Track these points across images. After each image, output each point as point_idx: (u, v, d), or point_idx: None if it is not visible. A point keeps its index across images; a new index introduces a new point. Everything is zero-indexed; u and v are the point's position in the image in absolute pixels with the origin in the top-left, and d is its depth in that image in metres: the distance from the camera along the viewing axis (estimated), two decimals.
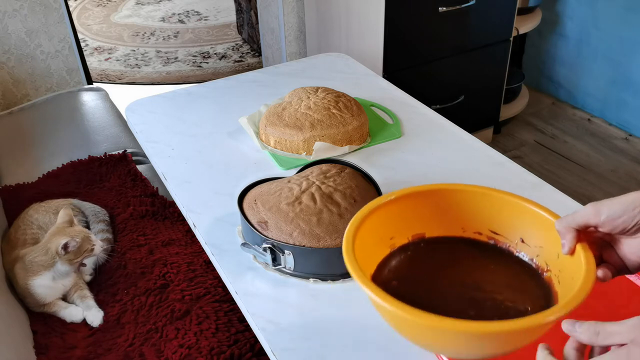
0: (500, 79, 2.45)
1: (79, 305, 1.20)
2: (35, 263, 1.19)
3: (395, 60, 2.10)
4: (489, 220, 0.72)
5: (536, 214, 0.67)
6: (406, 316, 0.56)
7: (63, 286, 1.21)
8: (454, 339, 0.58)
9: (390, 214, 0.71)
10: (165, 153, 1.24)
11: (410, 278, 0.69)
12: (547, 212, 0.66)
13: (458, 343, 0.58)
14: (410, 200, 0.72)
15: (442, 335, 0.57)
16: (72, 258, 1.18)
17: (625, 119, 2.62)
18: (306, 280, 0.91)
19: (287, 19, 2.51)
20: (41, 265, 1.18)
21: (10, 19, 2.03)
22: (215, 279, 1.23)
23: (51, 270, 1.19)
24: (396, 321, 0.61)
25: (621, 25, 2.47)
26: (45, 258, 1.18)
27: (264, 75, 1.56)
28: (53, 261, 1.18)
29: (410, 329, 0.61)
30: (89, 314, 1.18)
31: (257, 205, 0.94)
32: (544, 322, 0.55)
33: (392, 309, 0.56)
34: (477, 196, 0.71)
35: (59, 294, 1.21)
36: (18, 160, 1.73)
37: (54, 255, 1.18)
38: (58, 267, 1.19)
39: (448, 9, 2.08)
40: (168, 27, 3.94)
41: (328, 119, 1.20)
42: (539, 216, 0.67)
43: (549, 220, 0.65)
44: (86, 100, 2.04)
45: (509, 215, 0.70)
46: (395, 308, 0.56)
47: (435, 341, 0.61)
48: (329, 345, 0.81)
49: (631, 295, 0.86)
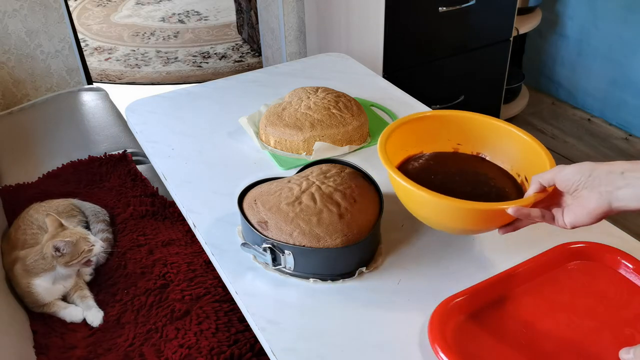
0: (500, 79, 2.45)
1: (79, 306, 1.20)
2: (36, 266, 1.19)
3: (395, 60, 2.10)
4: (480, 140, 1.01)
5: (515, 134, 0.97)
6: (416, 193, 0.83)
7: (64, 287, 1.21)
8: (450, 213, 0.84)
9: (407, 131, 0.98)
10: (165, 153, 1.24)
11: (427, 169, 0.98)
12: (524, 134, 0.96)
13: (453, 216, 0.85)
14: (425, 121, 1.00)
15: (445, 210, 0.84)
16: (68, 260, 1.18)
17: (625, 119, 2.62)
18: (306, 280, 0.91)
19: (287, 19, 2.51)
20: (42, 268, 1.18)
21: (10, 19, 2.03)
22: (215, 279, 1.23)
23: (52, 272, 1.19)
24: (409, 198, 0.89)
25: (621, 25, 2.47)
26: (44, 262, 1.18)
27: (264, 75, 1.56)
28: (52, 265, 1.18)
29: (417, 205, 0.89)
30: (89, 313, 1.18)
31: (257, 205, 0.94)
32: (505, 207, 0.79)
33: (411, 188, 0.83)
34: (475, 121, 1.01)
35: (59, 294, 1.21)
36: (18, 160, 1.73)
37: (51, 259, 1.18)
38: (58, 270, 1.19)
39: (448, 9, 2.08)
40: (168, 27, 3.94)
41: (328, 119, 1.20)
42: (517, 137, 0.96)
43: (526, 141, 0.95)
44: (86, 100, 2.04)
45: (497, 136, 0.99)
46: (413, 187, 0.83)
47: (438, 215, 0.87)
48: (329, 345, 0.81)
49: (631, 295, 0.86)
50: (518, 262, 0.90)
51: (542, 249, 0.93)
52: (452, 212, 0.84)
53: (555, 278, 0.89)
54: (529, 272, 0.88)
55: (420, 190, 0.82)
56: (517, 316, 0.83)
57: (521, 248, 0.95)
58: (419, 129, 1.00)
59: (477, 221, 0.85)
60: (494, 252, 0.95)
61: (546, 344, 0.79)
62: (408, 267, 0.93)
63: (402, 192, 0.89)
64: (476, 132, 1.01)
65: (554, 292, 0.87)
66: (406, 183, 0.84)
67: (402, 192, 0.90)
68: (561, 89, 2.86)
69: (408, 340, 0.81)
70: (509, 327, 0.82)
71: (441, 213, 0.86)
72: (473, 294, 0.84)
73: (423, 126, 1.00)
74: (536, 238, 0.96)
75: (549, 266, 0.90)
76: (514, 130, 0.97)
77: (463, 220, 0.85)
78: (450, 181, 0.95)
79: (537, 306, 0.85)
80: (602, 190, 0.71)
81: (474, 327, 0.81)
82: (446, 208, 0.83)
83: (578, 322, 0.82)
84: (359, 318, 0.85)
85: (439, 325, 0.79)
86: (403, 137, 0.97)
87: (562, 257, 0.91)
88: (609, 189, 0.70)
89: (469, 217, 0.84)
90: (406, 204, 0.91)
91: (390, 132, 0.94)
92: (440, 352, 0.75)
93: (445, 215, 0.86)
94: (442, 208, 0.84)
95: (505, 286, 0.87)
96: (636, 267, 0.88)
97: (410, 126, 0.98)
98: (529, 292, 0.87)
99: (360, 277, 0.92)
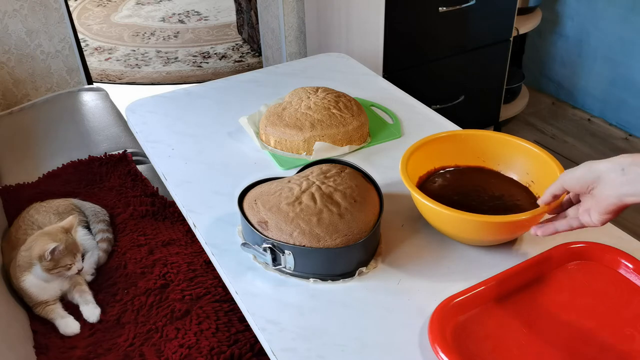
0: (500, 79, 2.45)
1: (77, 301, 1.19)
2: (21, 258, 1.17)
3: (395, 60, 2.10)
4: (495, 156, 1.06)
5: (528, 149, 1.01)
6: (436, 210, 0.89)
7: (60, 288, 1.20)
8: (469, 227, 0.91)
9: (427, 151, 1.04)
10: (165, 153, 1.24)
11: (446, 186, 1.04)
12: (537, 148, 1.00)
13: (471, 230, 0.92)
14: (440, 141, 1.06)
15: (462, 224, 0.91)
16: (50, 267, 1.16)
17: (625, 119, 2.62)
18: (306, 280, 0.91)
19: (287, 19, 2.51)
20: (25, 262, 1.16)
21: (10, 19, 2.03)
22: (215, 279, 1.23)
23: (32, 269, 1.16)
24: (430, 214, 0.96)
25: (621, 25, 2.47)
26: (27, 254, 1.16)
27: (264, 75, 1.56)
28: (31, 263, 1.16)
29: (437, 219, 0.95)
30: (87, 308, 1.17)
31: (257, 205, 0.94)
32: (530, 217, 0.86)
33: (433, 207, 0.89)
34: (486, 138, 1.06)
35: (55, 294, 1.20)
36: (18, 160, 1.73)
37: (35, 257, 1.16)
38: (36, 270, 1.17)
39: (448, 9, 2.08)
40: (168, 27, 3.94)
41: (328, 119, 1.20)
42: (530, 151, 1.01)
43: (537, 154, 0.99)
44: (86, 100, 2.04)
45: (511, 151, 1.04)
46: (434, 206, 0.89)
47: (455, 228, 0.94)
48: (329, 345, 0.81)
49: (631, 295, 0.86)
50: (518, 262, 0.90)
51: (542, 249, 0.93)
52: (472, 226, 0.90)
53: (555, 278, 0.89)
54: (529, 272, 0.89)
55: (444, 209, 0.88)
56: (517, 316, 0.83)
57: (521, 248, 0.95)
58: (435, 150, 1.06)
59: (496, 233, 0.92)
60: (494, 252, 0.95)
61: (546, 344, 0.79)
62: (408, 267, 0.93)
63: (426, 211, 0.96)
64: (492, 149, 1.07)
65: (554, 292, 0.87)
66: (431, 203, 0.89)
67: (426, 212, 0.96)
68: (561, 89, 2.86)
69: (408, 340, 0.81)
70: (509, 327, 0.82)
71: (460, 227, 0.92)
72: (473, 294, 0.84)
73: (439, 146, 1.06)
74: (536, 238, 0.96)
75: (549, 266, 0.90)
76: (523, 144, 1.03)
77: (486, 232, 0.92)
78: (468, 197, 1.01)
79: (537, 306, 0.85)
80: (609, 187, 0.72)
81: (474, 327, 0.81)
82: (466, 223, 0.90)
83: (578, 322, 0.82)
84: (359, 318, 0.85)
85: (439, 325, 0.79)
86: (420, 158, 1.03)
87: (562, 257, 0.91)
88: (614, 186, 0.72)
89: (487, 229, 0.91)
90: (432, 222, 0.97)
91: (409, 155, 1.00)
92: (440, 352, 0.75)
93: (466, 230, 0.93)
94: (461, 223, 0.91)
95: (506, 286, 0.87)
96: (636, 267, 0.88)
97: (427, 147, 1.04)
98: (529, 292, 0.87)
99: (360, 277, 0.92)
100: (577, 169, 0.77)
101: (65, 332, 1.16)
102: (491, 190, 1.03)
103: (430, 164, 1.06)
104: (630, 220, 2.14)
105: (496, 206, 0.99)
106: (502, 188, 1.03)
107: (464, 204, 0.98)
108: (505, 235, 0.93)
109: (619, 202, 0.72)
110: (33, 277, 1.18)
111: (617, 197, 0.72)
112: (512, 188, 1.03)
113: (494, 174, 1.06)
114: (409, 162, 0.99)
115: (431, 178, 1.06)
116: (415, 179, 1.02)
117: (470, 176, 1.06)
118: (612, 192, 0.72)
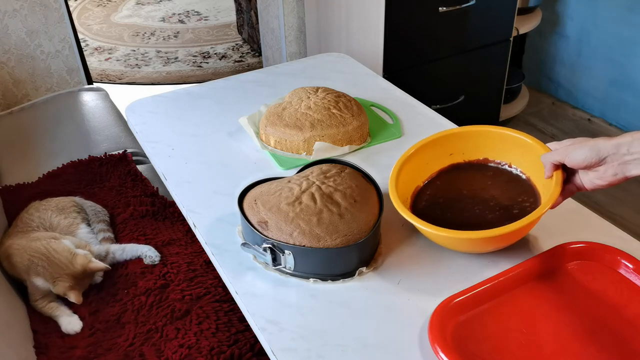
0: (500, 79, 2.45)
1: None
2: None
3: (395, 60, 2.10)
4: (492, 149, 1.04)
5: (525, 142, 1.00)
6: (432, 232, 0.88)
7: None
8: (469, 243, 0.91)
9: (411, 166, 1.02)
10: (165, 153, 1.24)
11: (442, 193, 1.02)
12: (532, 140, 0.99)
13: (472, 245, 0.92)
14: (424, 149, 1.03)
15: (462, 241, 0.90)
16: (47, 277, 1.18)
17: (625, 119, 2.62)
18: (306, 280, 0.91)
19: (287, 19, 2.51)
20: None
21: (10, 19, 2.03)
22: (215, 279, 1.23)
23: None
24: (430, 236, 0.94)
25: (621, 25, 2.47)
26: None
27: (264, 75, 1.56)
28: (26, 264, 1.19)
29: (437, 238, 0.93)
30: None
31: (257, 205, 0.94)
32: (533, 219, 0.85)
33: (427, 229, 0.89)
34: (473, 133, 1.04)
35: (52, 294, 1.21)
36: (18, 160, 1.73)
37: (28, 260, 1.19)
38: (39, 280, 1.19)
39: (448, 9, 2.08)
40: (168, 27, 3.94)
41: (328, 119, 1.20)
42: (527, 144, 1.00)
43: (535, 146, 0.97)
44: (86, 100, 2.04)
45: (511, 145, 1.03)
46: (428, 229, 0.88)
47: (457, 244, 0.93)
48: (329, 345, 0.81)
49: (631, 295, 0.86)
50: (518, 262, 0.90)
51: (542, 249, 0.93)
52: (467, 242, 0.91)
53: (555, 278, 0.89)
54: (529, 272, 0.88)
55: (440, 232, 0.88)
56: (517, 316, 0.83)
57: (521, 248, 0.95)
58: (420, 159, 1.04)
59: (494, 244, 0.92)
60: (494, 253, 0.95)
61: (546, 344, 0.79)
62: (408, 267, 0.93)
63: (424, 233, 0.94)
64: (475, 142, 1.05)
65: (554, 292, 0.87)
66: (426, 227, 0.89)
67: (424, 233, 0.94)
68: (561, 89, 2.86)
69: (408, 340, 0.81)
70: (509, 327, 0.82)
71: (456, 244, 0.93)
72: (473, 294, 0.84)
73: (423, 155, 1.04)
74: (536, 238, 0.96)
75: (549, 266, 0.90)
76: (509, 133, 1.03)
77: (482, 246, 0.93)
78: (463, 207, 0.99)
79: (537, 306, 0.85)
80: (615, 164, 0.79)
81: (474, 327, 0.81)
82: (460, 241, 0.90)
83: (578, 322, 0.82)
84: (359, 318, 0.85)
85: (439, 325, 0.79)
86: (408, 174, 1.01)
87: (562, 257, 0.91)
88: (620, 163, 0.79)
89: (483, 244, 0.91)
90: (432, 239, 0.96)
91: (396, 174, 0.98)
92: (440, 352, 0.75)
93: (462, 245, 0.93)
94: (455, 242, 0.92)
95: (505, 286, 0.87)
96: (636, 267, 0.88)
97: (411, 161, 1.02)
98: (529, 292, 0.87)
99: (360, 277, 0.92)
100: (581, 148, 0.82)
101: (67, 330, 1.16)
102: (484, 193, 1.00)
103: (419, 177, 1.04)
104: (630, 220, 2.14)
105: (492, 207, 0.97)
106: (495, 187, 1.00)
107: (462, 209, 0.97)
108: (504, 244, 0.93)
109: (623, 176, 0.80)
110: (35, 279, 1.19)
111: (622, 173, 0.79)
112: (508, 184, 1.00)
113: (486, 169, 1.04)
114: (398, 181, 0.97)
115: (421, 193, 1.04)
116: (411, 190, 1.02)
117: (463, 180, 1.03)
118: (619, 170, 0.79)
